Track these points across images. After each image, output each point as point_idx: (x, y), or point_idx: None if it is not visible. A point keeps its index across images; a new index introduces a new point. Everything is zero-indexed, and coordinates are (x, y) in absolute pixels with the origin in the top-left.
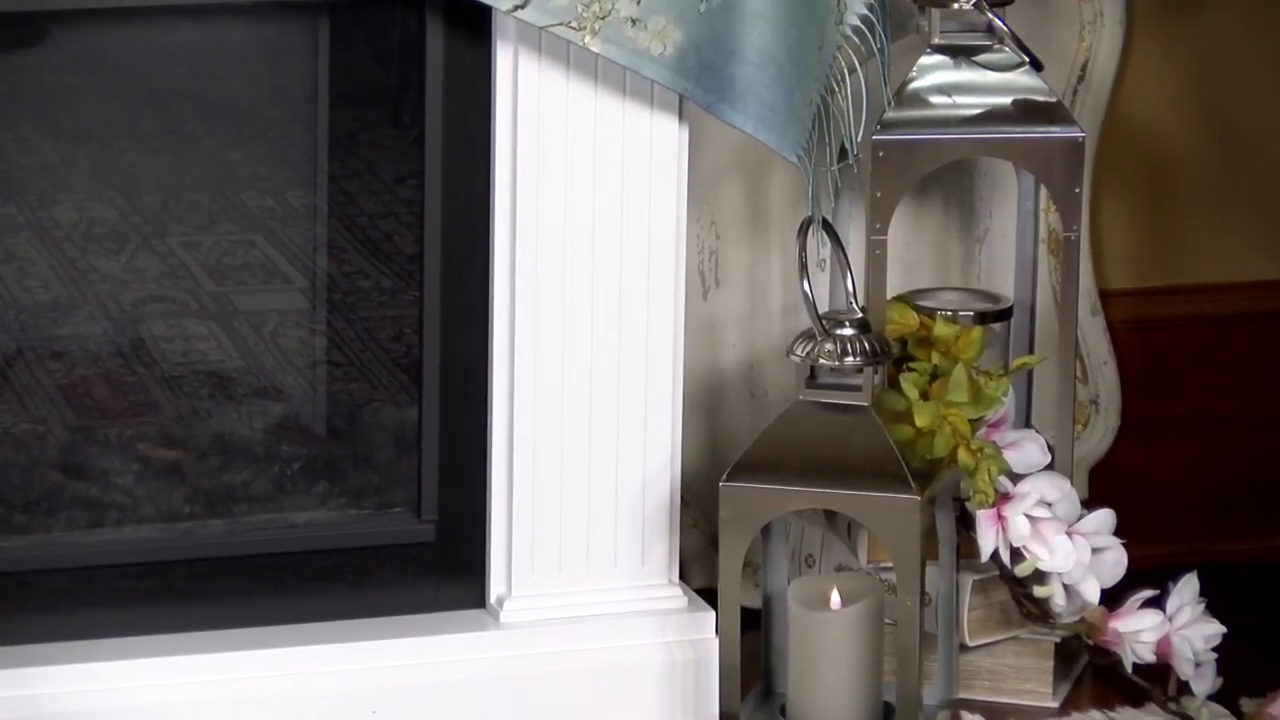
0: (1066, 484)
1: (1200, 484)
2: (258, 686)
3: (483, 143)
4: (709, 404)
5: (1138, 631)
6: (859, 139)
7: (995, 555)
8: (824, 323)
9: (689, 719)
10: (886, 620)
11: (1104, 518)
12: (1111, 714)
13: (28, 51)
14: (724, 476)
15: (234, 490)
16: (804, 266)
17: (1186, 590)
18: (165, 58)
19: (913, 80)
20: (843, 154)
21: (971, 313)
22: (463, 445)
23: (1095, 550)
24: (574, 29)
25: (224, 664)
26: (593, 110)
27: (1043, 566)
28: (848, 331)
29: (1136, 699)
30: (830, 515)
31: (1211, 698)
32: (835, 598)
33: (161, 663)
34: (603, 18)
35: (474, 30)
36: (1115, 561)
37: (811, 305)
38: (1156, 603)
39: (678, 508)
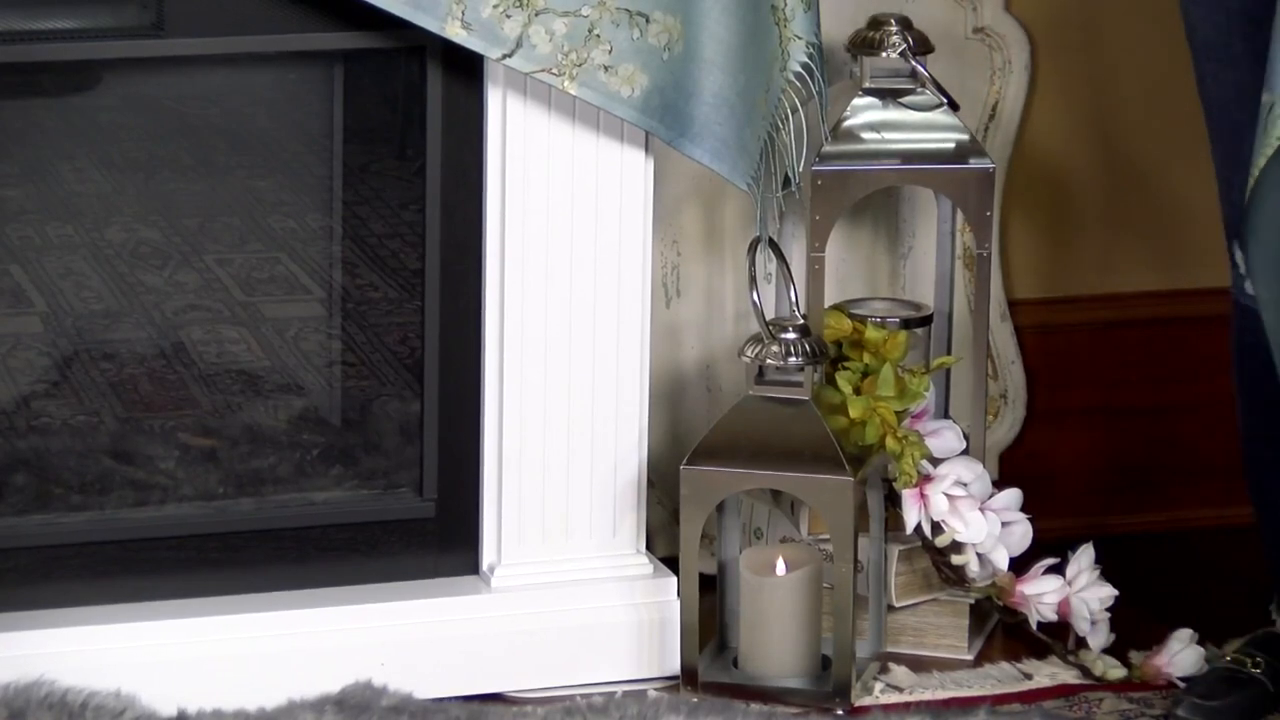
0: (979, 467)
1: (1095, 467)
2: (282, 642)
3: (476, 172)
4: (671, 398)
5: (1041, 594)
6: (800, 169)
7: (918, 528)
8: (770, 328)
9: (654, 669)
10: (824, 584)
11: (1012, 496)
12: (1019, 665)
13: (84, 95)
14: (684, 460)
15: (261, 473)
16: (753, 279)
17: (1084, 558)
18: (201, 100)
19: (847, 119)
20: (786, 182)
21: (897, 319)
22: (459, 434)
23: (1005, 524)
24: (554, 74)
25: (252, 623)
26: (570, 145)
27: (959, 538)
28: (791, 335)
29: (1040, 652)
30: (776, 494)
31: (1105, 651)
32: (780, 565)
33: (198, 622)
34: (579, 65)
35: (468, 76)
36: (1022, 534)
37: (760, 313)
38: (1058, 569)
39: (644, 487)
